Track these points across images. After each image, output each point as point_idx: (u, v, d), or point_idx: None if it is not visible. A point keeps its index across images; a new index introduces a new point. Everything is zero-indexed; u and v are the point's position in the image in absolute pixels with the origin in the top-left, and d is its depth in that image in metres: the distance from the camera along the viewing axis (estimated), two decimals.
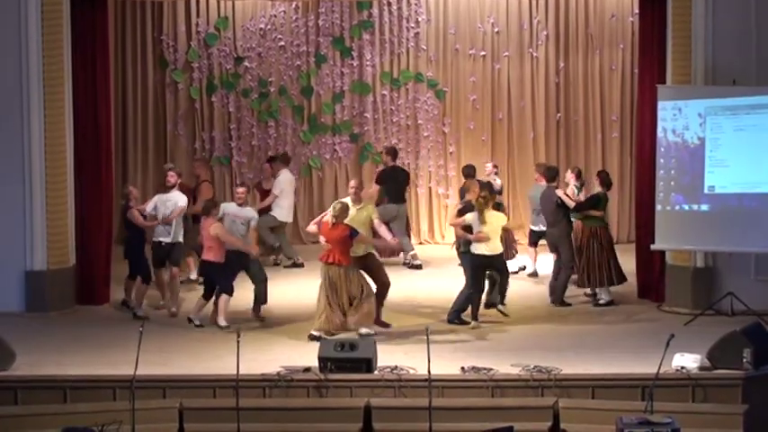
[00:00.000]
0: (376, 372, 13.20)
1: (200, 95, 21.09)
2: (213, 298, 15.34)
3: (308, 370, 13.19)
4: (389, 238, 15.38)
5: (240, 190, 15.90)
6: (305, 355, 13.64)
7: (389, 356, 13.58)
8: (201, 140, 21.11)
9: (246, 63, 20.96)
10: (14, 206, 16.07)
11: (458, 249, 16.13)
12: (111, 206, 17.26)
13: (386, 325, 15.05)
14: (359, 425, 12.63)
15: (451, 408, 12.70)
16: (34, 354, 13.95)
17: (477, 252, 15.32)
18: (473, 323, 15.30)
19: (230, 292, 15.29)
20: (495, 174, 18.98)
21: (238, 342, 12.40)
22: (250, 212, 15.80)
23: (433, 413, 12.09)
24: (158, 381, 12.98)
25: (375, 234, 15.18)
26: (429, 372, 12.27)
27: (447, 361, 13.48)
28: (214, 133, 21.10)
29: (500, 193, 18.61)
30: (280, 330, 15.23)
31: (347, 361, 13.16)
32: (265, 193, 18.97)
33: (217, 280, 15.27)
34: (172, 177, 16.32)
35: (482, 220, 15.21)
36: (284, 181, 18.76)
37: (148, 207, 16.13)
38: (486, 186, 17.19)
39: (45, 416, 12.63)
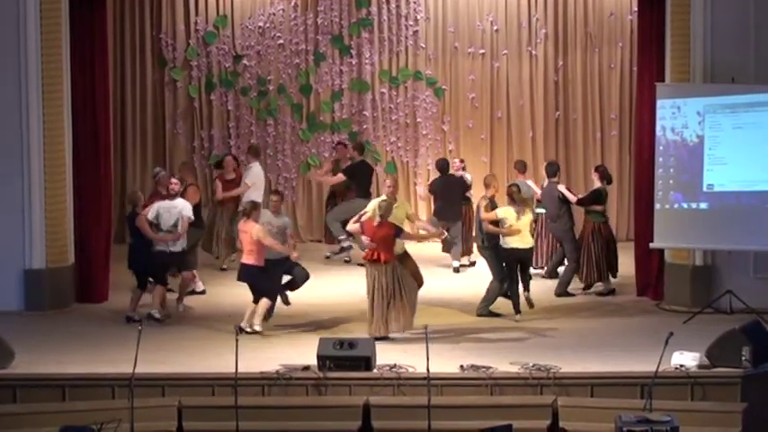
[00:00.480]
0: (375, 370, 13.20)
1: (199, 94, 21.08)
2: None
3: (306, 368, 13.19)
4: (432, 229, 16.31)
5: (274, 198, 15.59)
6: (304, 354, 13.64)
7: (388, 354, 13.58)
8: (200, 139, 21.11)
9: (245, 61, 20.95)
10: (13, 205, 16.06)
11: (479, 246, 16.24)
12: (110, 205, 17.26)
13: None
14: (358, 423, 12.64)
15: (450, 406, 12.70)
16: (33, 352, 13.94)
17: (509, 246, 15.52)
18: (517, 317, 15.58)
19: (273, 297, 15.05)
20: (463, 169, 19.00)
21: (237, 340, 12.41)
22: (285, 220, 15.57)
23: (432, 411, 12.10)
24: (157, 379, 12.98)
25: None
26: (428, 370, 12.26)
27: (446, 359, 13.47)
28: (213, 131, 21.10)
29: (470, 188, 18.76)
30: (278, 328, 15.21)
31: (346, 359, 13.16)
32: (228, 185, 18.58)
33: (257, 283, 14.94)
34: (176, 185, 15.94)
35: (519, 213, 15.57)
36: (256, 174, 18.57)
37: (150, 214, 15.68)
38: (459, 182, 17.78)
39: (44, 414, 12.64)
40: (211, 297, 16.79)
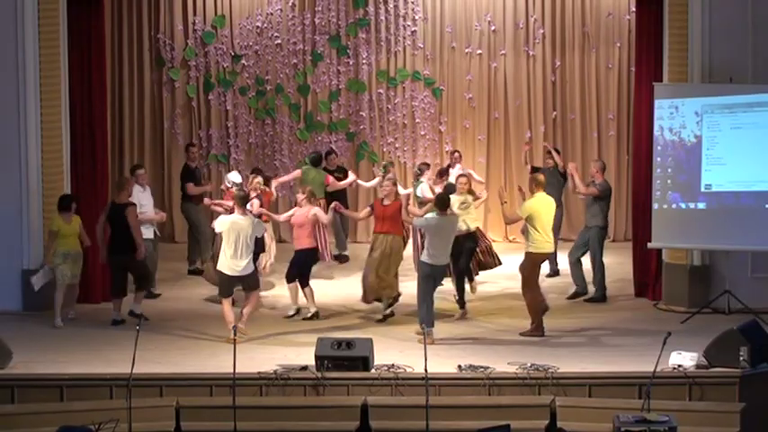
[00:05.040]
0: (373, 370, 13.19)
1: (197, 93, 21.10)
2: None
3: (304, 368, 13.18)
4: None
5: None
6: (302, 354, 13.64)
7: (386, 354, 13.57)
8: (198, 138, 21.12)
9: (243, 61, 20.97)
10: (11, 205, 16.06)
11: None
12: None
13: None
14: (356, 423, 12.63)
15: (448, 406, 12.69)
16: (31, 352, 13.93)
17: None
18: None
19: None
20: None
21: (234, 340, 12.39)
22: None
23: (430, 411, 12.08)
24: (155, 379, 12.96)
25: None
26: (426, 370, 12.24)
27: (444, 359, 13.47)
28: (211, 131, 21.12)
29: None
30: (276, 329, 15.21)
31: (344, 359, 13.16)
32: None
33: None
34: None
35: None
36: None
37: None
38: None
39: (42, 414, 12.61)
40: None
